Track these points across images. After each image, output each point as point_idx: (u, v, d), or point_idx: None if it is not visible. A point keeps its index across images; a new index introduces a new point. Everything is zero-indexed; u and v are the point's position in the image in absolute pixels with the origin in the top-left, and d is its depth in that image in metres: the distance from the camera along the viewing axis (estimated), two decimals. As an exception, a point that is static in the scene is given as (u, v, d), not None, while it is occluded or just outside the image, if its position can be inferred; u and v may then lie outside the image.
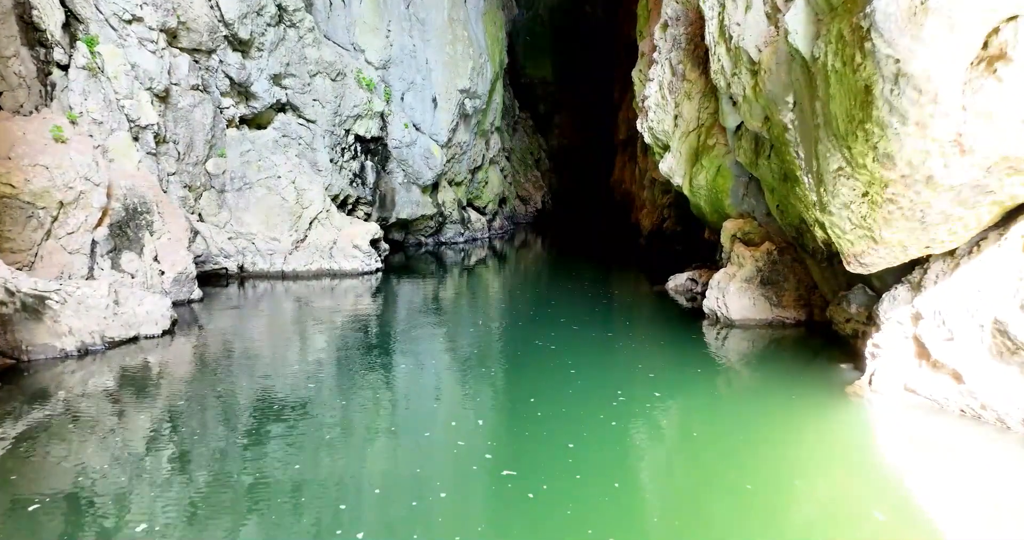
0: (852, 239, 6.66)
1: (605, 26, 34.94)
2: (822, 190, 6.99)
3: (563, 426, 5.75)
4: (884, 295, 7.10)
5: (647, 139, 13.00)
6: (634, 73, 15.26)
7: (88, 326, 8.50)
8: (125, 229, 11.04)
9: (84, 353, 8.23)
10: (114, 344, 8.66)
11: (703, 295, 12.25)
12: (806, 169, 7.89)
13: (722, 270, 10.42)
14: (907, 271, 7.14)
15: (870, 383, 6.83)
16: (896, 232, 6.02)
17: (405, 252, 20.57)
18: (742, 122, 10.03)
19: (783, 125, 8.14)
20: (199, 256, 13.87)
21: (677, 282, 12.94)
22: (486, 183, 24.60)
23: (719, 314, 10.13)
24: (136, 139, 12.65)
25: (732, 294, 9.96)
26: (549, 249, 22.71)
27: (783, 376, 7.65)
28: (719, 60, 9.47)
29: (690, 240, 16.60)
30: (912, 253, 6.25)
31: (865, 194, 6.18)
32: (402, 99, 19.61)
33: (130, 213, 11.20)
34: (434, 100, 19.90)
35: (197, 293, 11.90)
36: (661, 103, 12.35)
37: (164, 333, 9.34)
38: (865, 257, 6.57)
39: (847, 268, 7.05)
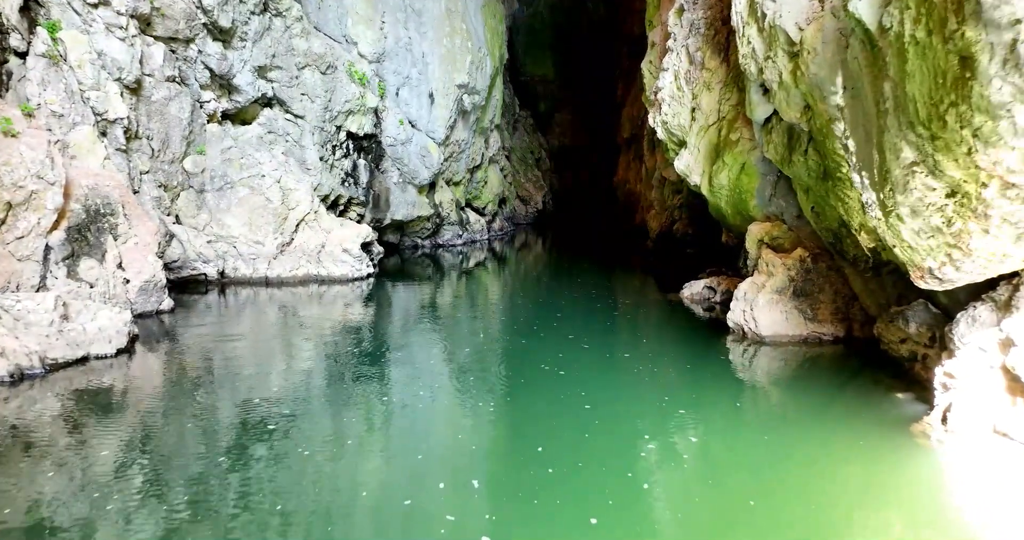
0: (927, 248, 5.43)
1: (607, 23, 33.70)
2: (886, 190, 5.76)
3: (582, 490, 4.49)
4: (959, 315, 5.87)
5: (660, 135, 11.77)
6: (643, 65, 14.03)
7: (27, 346, 7.26)
8: (85, 233, 9.80)
9: (19, 378, 6.99)
10: (57, 366, 7.42)
11: (722, 305, 11.04)
12: (858, 165, 6.66)
13: (748, 280, 9.19)
14: (987, 287, 5.91)
15: (944, 421, 5.61)
16: (994, 242, 4.79)
17: (401, 255, 19.33)
18: (773, 113, 8.81)
19: (828, 114, 6.91)
20: (175, 261, 12.65)
21: (693, 290, 11.71)
22: (485, 183, 23.37)
23: (746, 329, 8.90)
24: (104, 134, 11.41)
25: (761, 307, 8.73)
26: (551, 252, 21.48)
27: (833, 410, 6.44)
28: (749, 43, 8.23)
29: (703, 243, 15.37)
30: (1012, 265, 5.02)
31: (952, 194, 4.95)
32: (397, 94, 18.37)
33: (91, 215, 9.96)
34: (431, 95, 18.66)
35: (167, 303, 10.65)
36: (677, 95, 11.12)
37: (120, 352, 8.10)
38: (944, 270, 5.34)
39: (916, 283, 5.82)
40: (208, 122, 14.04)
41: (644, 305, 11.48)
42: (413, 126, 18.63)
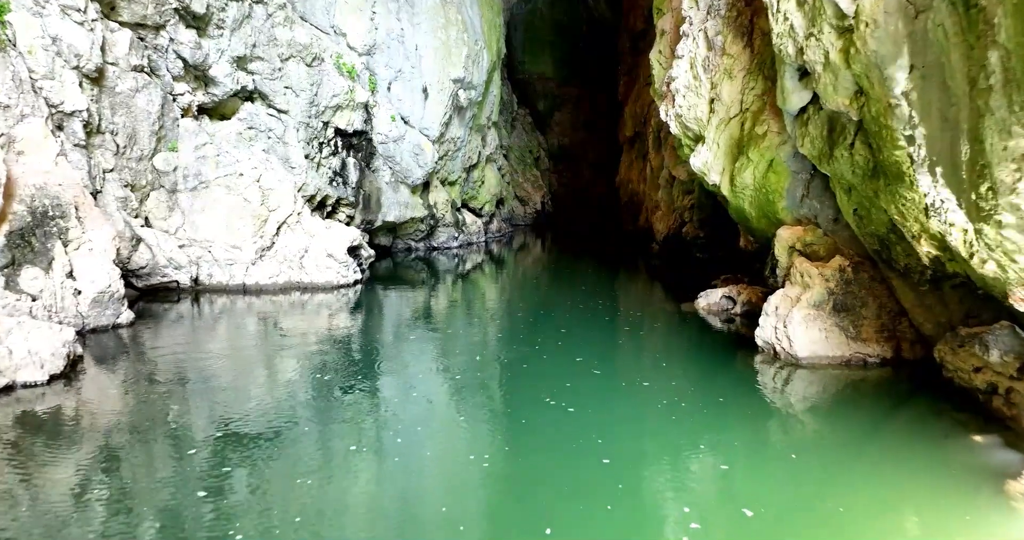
0: (1041, 264, 4.20)
1: (608, 18, 32.45)
2: (982, 189, 4.53)
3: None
4: (1070, 346, 4.64)
5: (674, 129, 10.53)
6: (652, 56, 12.79)
7: (-65, 375, 6.01)
8: (29, 238, 8.54)
9: (-79, 415, 5.74)
10: (-30, 400, 6.17)
11: (743, 317, 9.82)
12: (928, 160, 5.45)
13: (780, 292, 7.96)
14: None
15: (1055, 480, 4.39)
16: None
17: (393, 258, 18.08)
18: (810, 102, 7.57)
19: (888, 99, 5.69)
20: (143, 267, 11.39)
21: (710, 300, 10.48)
22: (482, 182, 22.11)
23: (778, 348, 7.67)
24: (59, 128, 10.14)
25: (797, 324, 7.50)
26: (552, 255, 20.24)
27: (897, 453, 5.23)
28: (785, 19, 6.99)
29: (716, 248, 14.15)
30: None
31: (1091, 196, 3.72)
32: (389, 89, 17.11)
33: (38, 218, 8.70)
34: (424, 90, 17.40)
35: (126, 316, 9.40)
36: (693, 85, 9.88)
37: (54, 378, 6.84)
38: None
39: (1016, 305, 4.59)
40: (182, 116, 12.77)
41: (656, 317, 10.24)
42: (406, 122, 17.38)
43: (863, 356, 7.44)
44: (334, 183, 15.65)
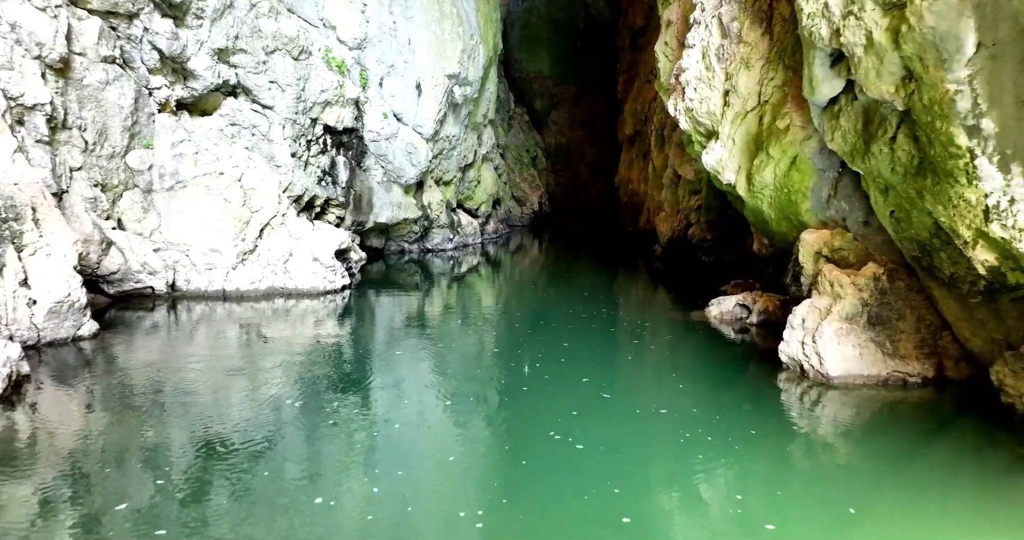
0: None
1: (606, 17, 31.62)
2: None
3: None
4: None
5: (683, 124, 9.68)
6: (658, 48, 11.94)
7: None
8: (-24, 243, 7.65)
9: None
10: None
11: (759, 327, 8.99)
12: (995, 153, 4.62)
13: (807, 303, 7.10)
14: None
15: None
16: None
17: (385, 261, 17.20)
18: (842, 91, 6.72)
19: (947, 84, 4.84)
20: (114, 273, 10.51)
21: (722, 309, 9.63)
22: (478, 182, 21.24)
23: (806, 366, 6.82)
24: (20, 122, 9.25)
25: (828, 339, 6.65)
26: (550, 257, 19.37)
27: (954, 493, 4.37)
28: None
29: (724, 251, 13.31)
30: None
31: None
32: (380, 85, 16.22)
33: (-12, 221, 7.81)
34: (418, 86, 16.52)
35: (89, 327, 8.52)
36: (705, 76, 9.03)
37: (-9, 403, 5.97)
38: None
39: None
40: (159, 112, 11.88)
41: (664, 327, 9.37)
42: (398, 120, 16.50)
43: (902, 375, 6.59)
44: (323, 183, 14.78)
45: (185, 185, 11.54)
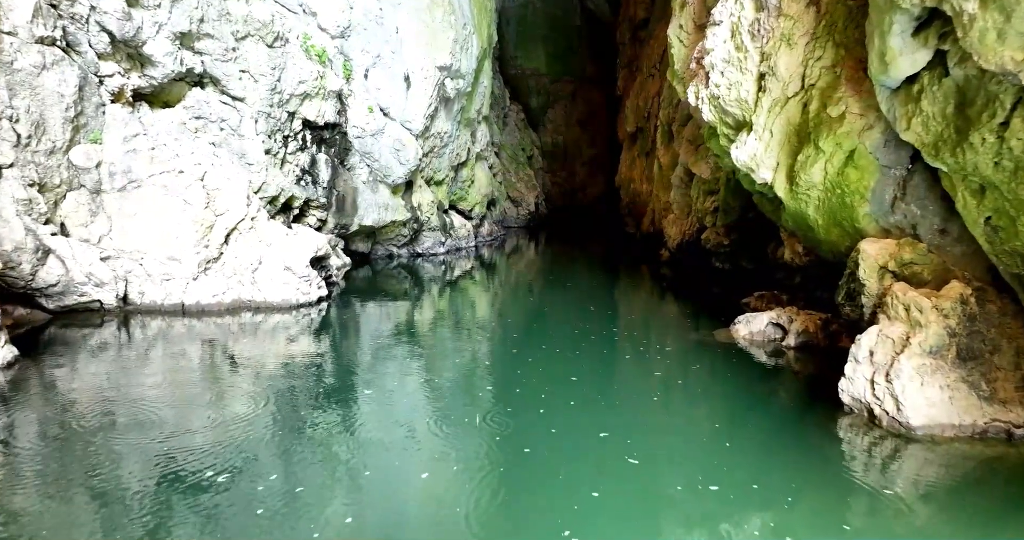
0: None
1: (604, 12, 30.12)
2: None
3: None
4: None
5: (706, 115, 8.19)
6: (671, 31, 10.43)
7: None
8: None
9: None
10: None
11: (799, 351, 7.53)
12: None
13: (874, 331, 5.62)
14: None
15: None
16: None
17: (372, 266, 15.67)
18: (927, 67, 5.24)
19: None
20: (53, 285, 8.99)
21: (752, 328, 8.15)
22: (472, 182, 19.71)
23: (877, 410, 5.34)
24: (-69, 112, 7.71)
25: (908, 378, 5.17)
26: (549, 262, 17.82)
27: None
28: (906, -57, 4.65)
29: (743, 258, 11.82)
30: None
31: None
32: (365, 77, 14.69)
33: None
34: (406, 78, 14.99)
35: (5, 353, 6.98)
36: (735, 58, 7.54)
37: None
38: None
39: None
40: (112, 102, 10.33)
41: (688, 352, 7.81)
42: (385, 114, 14.97)
43: (1004, 425, 5.12)
44: (302, 182, 13.24)
45: (139, 185, 10.00)
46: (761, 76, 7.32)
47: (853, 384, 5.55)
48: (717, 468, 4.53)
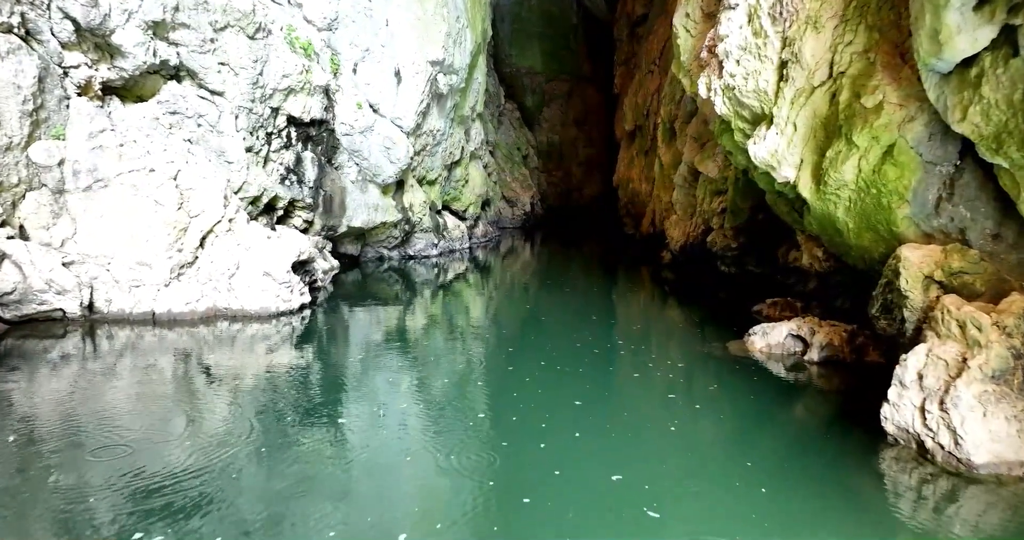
0: None
1: (600, 9, 29.36)
2: None
3: None
4: None
5: (720, 108, 7.42)
6: (677, 20, 9.67)
7: None
8: None
9: None
10: None
11: (822, 366, 6.78)
12: None
13: (922, 351, 4.86)
14: None
15: None
16: None
17: (362, 270, 14.86)
18: (988, 47, 4.47)
19: None
20: (8, 293, 8.19)
21: (770, 340, 7.39)
22: (466, 182, 18.91)
23: (929, 444, 4.59)
24: None
25: (967, 407, 4.41)
26: (547, 265, 17.01)
27: None
28: None
29: (749, 261, 11.06)
30: None
31: None
32: (354, 71, 13.88)
33: None
34: (397, 73, 14.18)
35: (-60, 373, 6.18)
36: (753, 44, 6.77)
37: None
38: None
39: None
40: (80, 95, 9.51)
41: (703, 369, 7.00)
42: (375, 111, 14.17)
43: (1079, 463, 4.37)
44: (286, 182, 12.43)
45: (107, 184, 9.18)
46: (783, 64, 6.56)
47: (899, 412, 4.79)
48: (756, 523, 3.76)
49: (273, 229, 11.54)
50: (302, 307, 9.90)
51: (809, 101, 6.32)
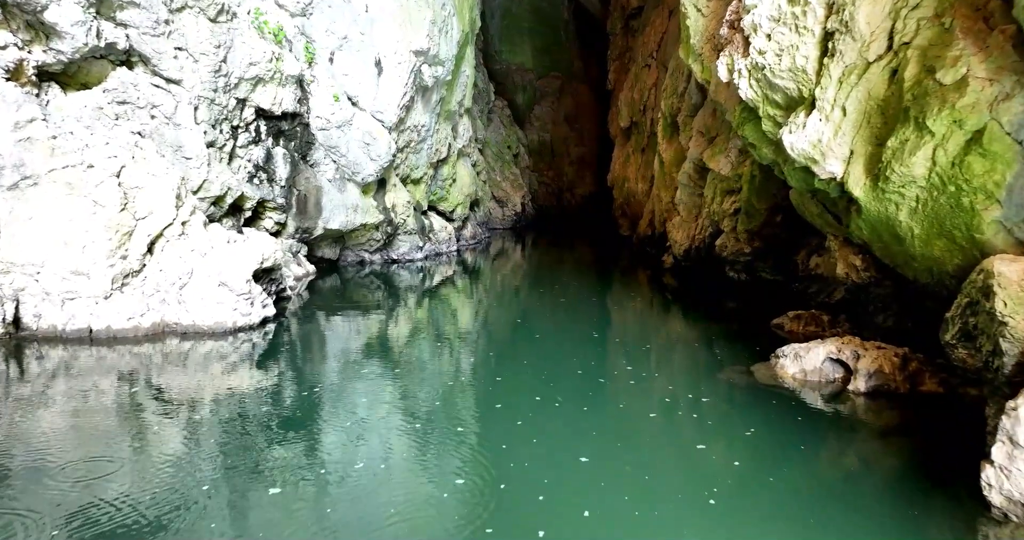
0: None
1: (593, 4, 28.12)
2: None
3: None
4: None
5: (746, 92, 6.18)
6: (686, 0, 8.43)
7: None
8: None
9: None
10: None
11: (870, 397, 5.57)
12: None
13: (1038, 395, 3.64)
14: None
15: None
16: None
17: (340, 274, 13.56)
18: None
19: None
20: (-87, 310, 6.83)
21: (805, 365, 6.17)
22: (453, 180, 17.62)
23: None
24: None
25: (1117, 482, 3.19)
26: (539, 269, 15.72)
27: None
28: None
29: (762, 267, 9.84)
30: None
31: None
32: (331, 60, 12.59)
33: None
34: (378, 63, 12.89)
35: None
36: (789, 14, 5.54)
37: None
38: None
39: None
40: (9, 80, 8.16)
41: (729, 400, 5.75)
42: (354, 104, 12.88)
43: None
44: (255, 180, 11.14)
45: (36, 182, 7.84)
46: (827, 36, 5.33)
47: (1009, 478, 3.58)
48: None
49: (240, 232, 10.23)
50: (264, 321, 8.60)
51: (862, 80, 5.09)
